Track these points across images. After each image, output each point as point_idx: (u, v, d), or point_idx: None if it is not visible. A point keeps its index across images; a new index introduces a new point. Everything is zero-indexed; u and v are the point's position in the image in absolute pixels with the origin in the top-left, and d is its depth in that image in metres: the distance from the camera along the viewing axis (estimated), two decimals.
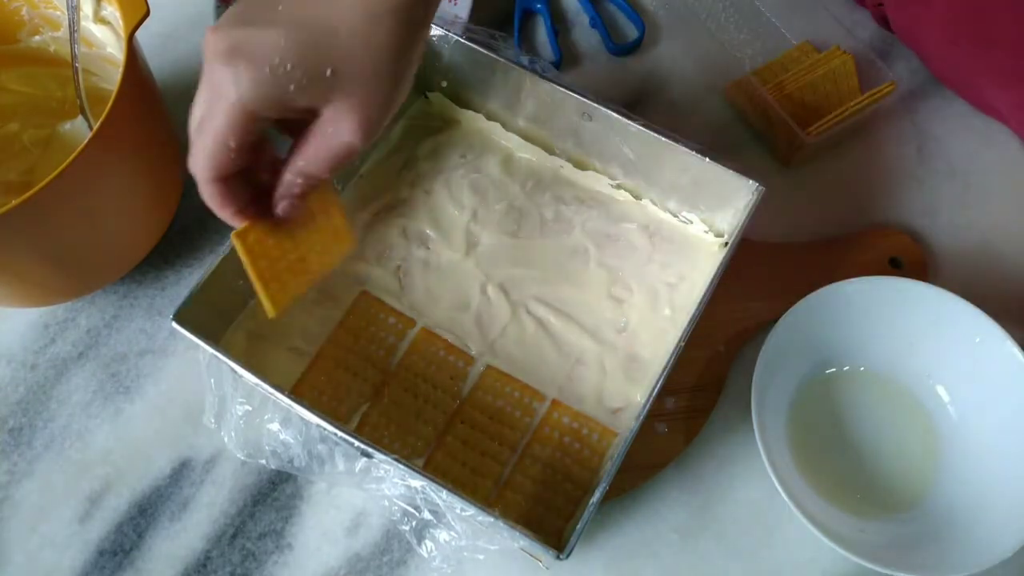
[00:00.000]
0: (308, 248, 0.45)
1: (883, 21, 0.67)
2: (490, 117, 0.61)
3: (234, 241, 0.41)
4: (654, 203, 0.59)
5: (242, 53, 0.34)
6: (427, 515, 0.48)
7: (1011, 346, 0.51)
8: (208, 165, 0.37)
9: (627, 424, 0.52)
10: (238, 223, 0.41)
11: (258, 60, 0.34)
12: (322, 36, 0.35)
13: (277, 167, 0.40)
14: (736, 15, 0.69)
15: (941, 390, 0.55)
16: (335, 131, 0.37)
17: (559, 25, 0.70)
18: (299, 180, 0.39)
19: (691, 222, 0.58)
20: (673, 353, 0.48)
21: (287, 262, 0.45)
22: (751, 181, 0.52)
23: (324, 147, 0.37)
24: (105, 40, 0.57)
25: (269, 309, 0.44)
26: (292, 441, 0.49)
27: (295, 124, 0.38)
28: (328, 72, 0.35)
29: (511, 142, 0.61)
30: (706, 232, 0.57)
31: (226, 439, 0.50)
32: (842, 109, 0.60)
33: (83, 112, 0.56)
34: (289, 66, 0.34)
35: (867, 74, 0.63)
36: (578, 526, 0.44)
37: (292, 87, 0.35)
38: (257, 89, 0.34)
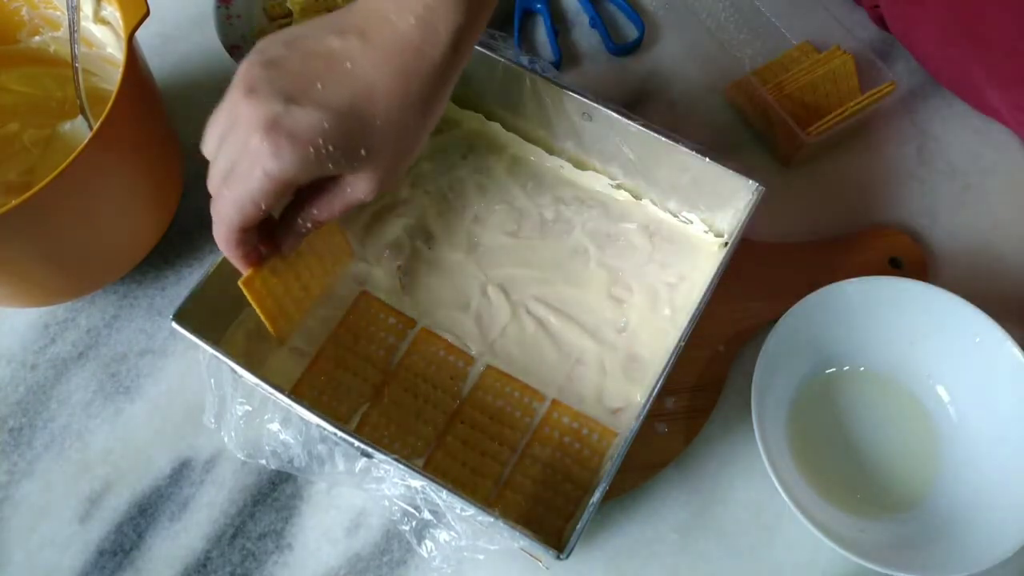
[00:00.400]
0: (309, 275, 0.48)
1: (880, 22, 0.67)
2: (490, 117, 0.61)
3: (243, 288, 0.44)
4: (654, 203, 0.59)
5: (284, 130, 0.37)
6: (427, 515, 0.48)
7: (1011, 346, 0.51)
8: (237, 222, 0.40)
9: (627, 424, 0.52)
10: (246, 267, 0.44)
11: (301, 140, 0.37)
12: (360, 123, 0.38)
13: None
14: (736, 15, 0.69)
15: (941, 390, 0.55)
16: (352, 190, 0.40)
17: (559, 25, 0.70)
18: (309, 224, 0.42)
19: (691, 222, 0.58)
20: (673, 353, 0.48)
21: (291, 295, 0.48)
22: (751, 181, 0.52)
23: (339, 201, 0.41)
24: (105, 40, 0.57)
25: (277, 340, 0.47)
26: (292, 441, 0.49)
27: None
28: (362, 152, 0.39)
29: (511, 142, 0.61)
30: (706, 232, 0.57)
31: (226, 439, 0.50)
32: (842, 109, 0.60)
33: (83, 112, 0.56)
34: (330, 148, 0.37)
35: (867, 74, 0.63)
36: (578, 526, 0.44)
37: (329, 164, 0.38)
38: (297, 165, 0.37)
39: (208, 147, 0.40)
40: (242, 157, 0.38)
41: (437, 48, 0.40)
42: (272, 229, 0.44)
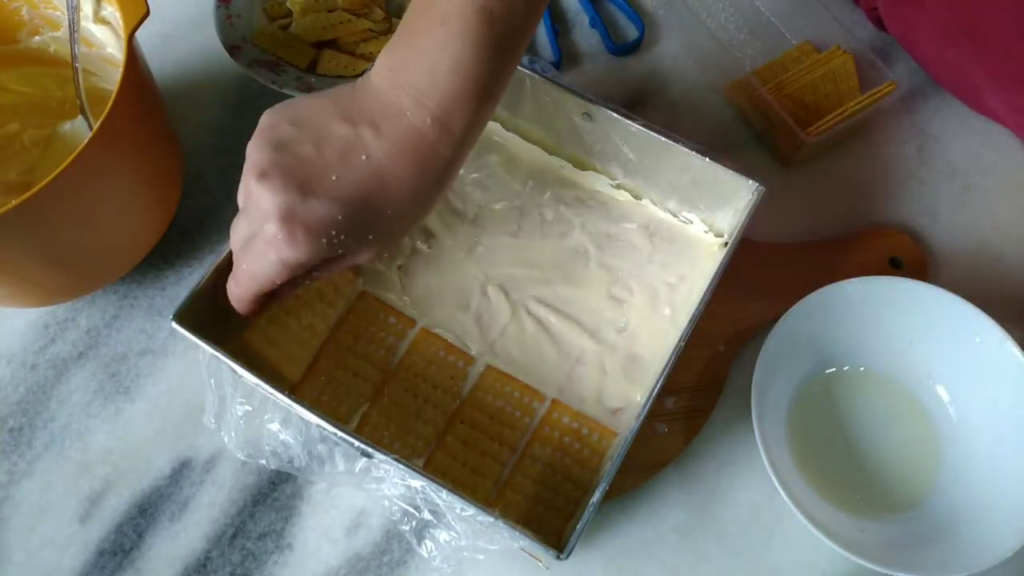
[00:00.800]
0: (312, 315, 0.50)
1: (879, 23, 0.67)
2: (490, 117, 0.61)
3: (250, 343, 0.47)
4: (654, 203, 0.59)
5: (299, 222, 0.39)
6: (427, 515, 0.48)
7: (1011, 346, 0.51)
8: (252, 291, 0.43)
9: (627, 424, 0.52)
10: (254, 311, 0.46)
11: (315, 232, 0.39)
12: (373, 215, 0.40)
13: None
14: (736, 15, 0.69)
15: (941, 390, 0.55)
16: (352, 259, 0.42)
17: (559, 25, 0.70)
18: (307, 281, 0.44)
19: (691, 222, 0.58)
20: (673, 353, 0.48)
21: (295, 338, 0.50)
22: (751, 181, 0.52)
23: (338, 266, 0.43)
24: (105, 40, 0.57)
25: (291, 381, 0.50)
26: (292, 441, 0.49)
27: None
28: (370, 237, 0.41)
29: (511, 142, 0.61)
30: (706, 232, 0.57)
31: (226, 439, 0.50)
32: (842, 109, 0.60)
33: (83, 112, 0.56)
34: (342, 237, 0.40)
35: (867, 74, 0.63)
36: (578, 526, 0.44)
37: (340, 250, 0.40)
38: (311, 254, 0.40)
39: (240, 201, 0.42)
40: (258, 237, 0.40)
41: (450, 146, 0.41)
42: None
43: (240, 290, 0.43)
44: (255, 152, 0.40)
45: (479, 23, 0.39)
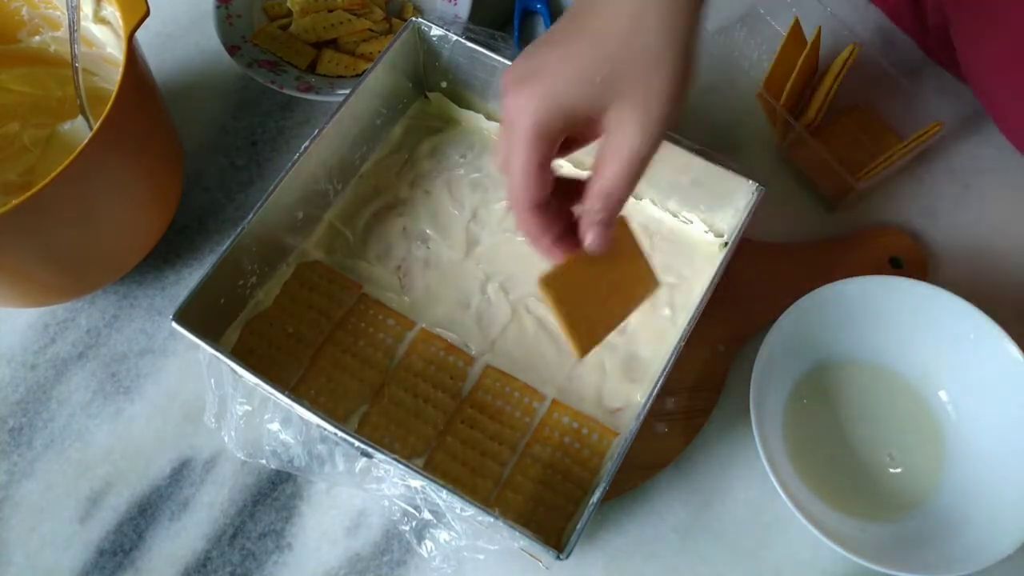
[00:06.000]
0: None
1: (927, 48, 0.65)
2: (490, 117, 0.61)
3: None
4: (654, 203, 0.59)
5: (525, 81, 0.37)
6: (427, 515, 0.48)
7: (1010, 346, 0.51)
8: (524, 195, 0.39)
9: (627, 424, 0.52)
10: (555, 254, 0.42)
11: (539, 83, 0.37)
12: (591, 48, 0.37)
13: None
14: (736, 14, 0.69)
15: (940, 390, 0.55)
16: (620, 140, 0.38)
17: None
18: (599, 203, 0.39)
19: (691, 222, 0.58)
20: (673, 353, 0.48)
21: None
22: (751, 181, 0.52)
23: (615, 161, 0.38)
24: (105, 40, 0.57)
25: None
26: (292, 441, 0.49)
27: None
28: (603, 75, 0.36)
29: None
30: (706, 232, 0.57)
31: (226, 439, 0.50)
32: (889, 153, 0.59)
33: (83, 112, 0.56)
34: (569, 78, 0.36)
35: (868, 72, 0.63)
36: (578, 526, 0.44)
37: (573, 99, 0.37)
38: (544, 103, 0.37)
39: (496, 157, 0.41)
40: (508, 130, 0.38)
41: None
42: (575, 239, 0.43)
43: (516, 202, 0.40)
44: (503, 82, 0.39)
45: None
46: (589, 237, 0.41)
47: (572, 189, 0.42)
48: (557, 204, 0.41)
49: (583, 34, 0.37)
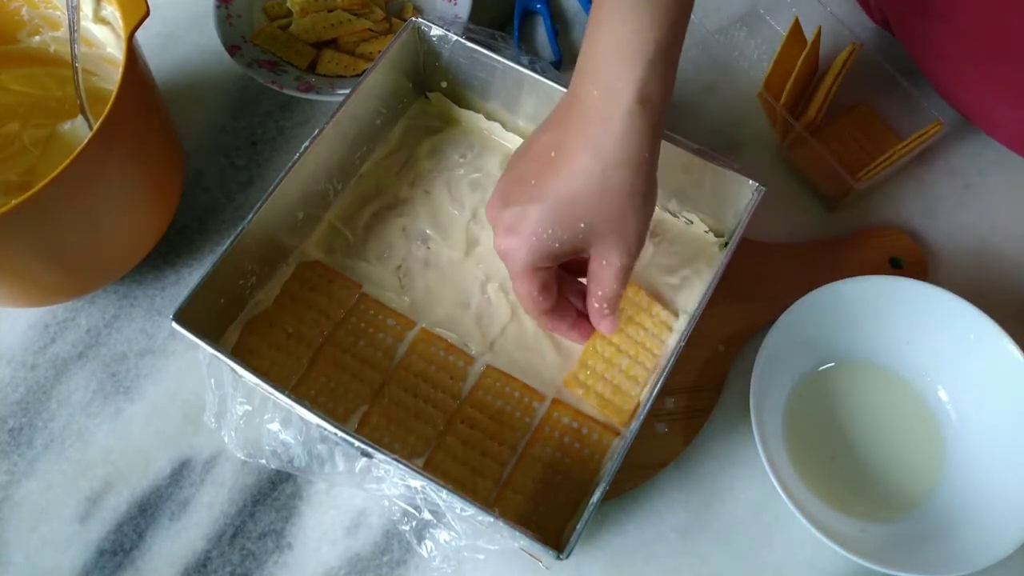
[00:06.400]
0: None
1: (885, 24, 0.67)
2: (490, 117, 0.61)
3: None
4: None
5: (515, 231, 0.44)
6: (427, 515, 0.48)
7: (1010, 346, 0.51)
8: (534, 310, 0.49)
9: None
10: (574, 337, 0.53)
11: (527, 233, 0.44)
12: (568, 204, 0.43)
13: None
14: (736, 14, 0.69)
15: (940, 390, 0.55)
16: (608, 262, 0.45)
17: (559, 25, 0.70)
18: (605, 304, 0.48)
19: (691, 222, 0.58)
20: (673, 353, 0.48)
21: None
22: (751, 181, 0.52)
23: (607, 276, 0.46)
24: (105, 40, 0.57)
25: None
26: (292, 441, 0.49)
27: (577, 263, 0.50)
28: (580, 226, 0.43)
29: (511, 142, 0.61)
30: (706, 232, 0.57)
31: (226, 439, 0.50)
32: (890, 153, 0.59)
33: (83, 112, 0.56)
34: (550, 231, 0.44)
35: (868, 71, 0.63)
36: (578, 526, 0.44)
37: (557, 244, 0.44)
38: (532, 253, 0.44)
39: None
40: (507, 264, 0.46)
41: (619, 108, 0.41)
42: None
43: (533, 312, 0.50)
44: (490, 203, 0.47)
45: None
46: (604, 327, 0.50)
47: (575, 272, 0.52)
48: (565, 296, 0.51)
49: (558, 186, 0.43)
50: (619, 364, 0.53)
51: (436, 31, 0.57)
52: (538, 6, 0.70)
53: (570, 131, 0.43)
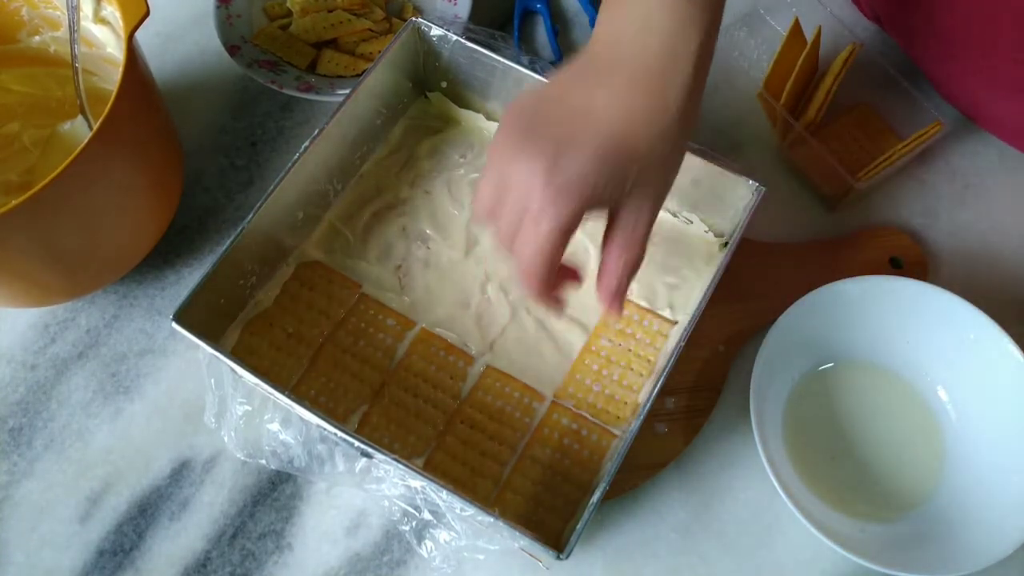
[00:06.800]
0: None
1: (877, 21, 0.67)
2: (490, 117, 0.61)
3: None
4: None
5: (558, 183, 0.38)
6: (427, 515, 0.48)
7: (1010, 346, 0.51)
8: (541, 274, 0.41)
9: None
10: (555, 304, 0.44)
11: (575, 188, 0.38)
12: (626, 156, 0.39)
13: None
14: (735, 14, 0.69)
15: (940, 390, 0.55)
16: (638, 218, 0.41)
17: (559, 25, 0.70)
18: (627, 271, 0.42)
19: (691, 222, 0.58)
20: (673, 353, 0.48)
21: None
22: (751, 181, 0.52)
23: (635, 234, 0.41)
24: (105, 40, 0.57)
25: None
26: (292, 441, 0.49)
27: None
28: (630, 183, 0.40)
29: None
30: (706, 232, 0.57)
31: (226, 439, 0.50)
32: (890, 153, 0.59)
33: (83, 112, 0.56)
34: (602, 186, 0.39)
35: (869, 68, 0.63)
36: (578, 526, 0.44)
37: (604, 199, 0.40)
38: (576, 210, 0.39)
39: (482, 206, 0.42)
40: (526, 216, 0.39)
41: (680, 69, 0.40)
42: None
43: (534, 281, 0.42)
44: (504, 140, 0.40)
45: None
46: (614, 310, 0.44)
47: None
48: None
49: (614, 143, 0.39)
50: (611, 375, 0.53)
51: (436, 31, 0.57)
52: (538, 6, 0.70)
53: (621, 87, 0.41)
